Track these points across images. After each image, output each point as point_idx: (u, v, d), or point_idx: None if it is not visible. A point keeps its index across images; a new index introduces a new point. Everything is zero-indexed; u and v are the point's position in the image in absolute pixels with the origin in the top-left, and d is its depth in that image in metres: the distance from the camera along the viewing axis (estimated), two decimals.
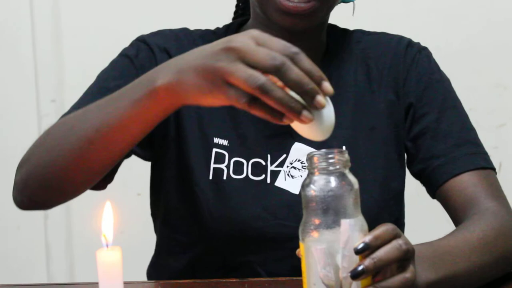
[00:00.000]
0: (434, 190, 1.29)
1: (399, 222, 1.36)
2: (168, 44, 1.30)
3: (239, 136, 1.28)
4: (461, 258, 1.06)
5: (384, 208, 1.29)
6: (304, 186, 0.86)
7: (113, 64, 1.30)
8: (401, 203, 1.36)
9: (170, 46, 1.30)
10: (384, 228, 0.88)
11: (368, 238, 0.85)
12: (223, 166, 1.27)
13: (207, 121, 1.29)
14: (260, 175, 1.27)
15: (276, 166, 1.28)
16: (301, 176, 1.27)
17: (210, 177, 1.27)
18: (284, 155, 1.28)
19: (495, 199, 1.23)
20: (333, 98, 1.24)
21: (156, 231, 1.39)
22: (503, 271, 1.15)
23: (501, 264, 1.14)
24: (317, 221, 0.85)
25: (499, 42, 2.38)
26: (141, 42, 1.31)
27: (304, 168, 1.26)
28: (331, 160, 0.83)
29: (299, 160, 1.27)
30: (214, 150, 1.28)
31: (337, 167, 0.85)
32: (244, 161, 1.27)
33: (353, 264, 0.84)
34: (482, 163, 1.28)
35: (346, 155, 0.84)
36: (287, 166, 1.27)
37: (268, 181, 1.27)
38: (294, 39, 1.24)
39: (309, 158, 0.85)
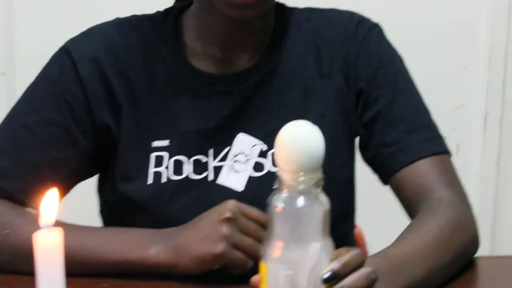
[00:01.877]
0: (386, 180, 1.23)
1: (349, 209, 1.30)
2: (96, 51, 1.21)
3: (180, 133, 1.20)
4: (418, 266, 1.01)
5: (333, 199, 1.23)
6: (270, 202, 0.78)
7: (36, 88, 1.22)
8: (350, 191, 1.30)
9: (99, 54, 1.20)
10: (351, 255, 0.81)
11: (336, 265, 0.78)
12: (162, 168, 1.19)
13: (146, 124, 1.20)
14: (202, 173, 1.19)
15: (219, 161, 1.20)
16: (245, 170, 1.19)
17: (149, 182, 1.18)
18: (228, 148, 1.20)
19: (449, 187, 1.18)
20: (282, 86, 1.21)
21: None
22: (461, 267, 1.10)
23: (459, 261, 1.10)
24: (282, 242, 0.77)
25: (459, 21, 2.33)
26: (65, 55, 1.21)
27: (248, 161, 1.19)
28: (302, 178, 0.75)
29: (243, 153, 1.20)
30: (154, 154, 1.19)
31: (309, 186, 0.76)
32: (185, 159, 1.19)
33: None
34: (436, 148, 1.22)
35: (320, 173, 0.76)
36: (231, 160, 1.19)
37: (210, 178, 1.19)
38: (241, 26, 1.18)
39: (279, 174, 0.77)
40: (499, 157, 2.34)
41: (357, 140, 1.29)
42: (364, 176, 1.32)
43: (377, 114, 1.23)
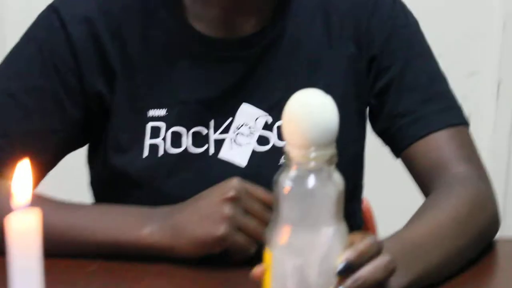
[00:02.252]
0: (398, 153, 1.15)
1: (358, 186, 1.22)
2: (89, 10, 1.11)
3: (178, 102, 1.11)
4: (434, 249, 0.94)
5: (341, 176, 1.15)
6: (277, 180, 0.68)
7: (20, 50, 1.13)
8: (359, 167, 1.22)
9: (92, 13, 1.11)
10: (367, 243, 0.73)
11: (351, 255, 0.69)
12: (159, 140, 1.10)
13: (142, 91, 1.11)
14: (202, 146, 1.11)
15: (221, 133, 1.11)
16: (249, 143, 1.10)
17: (144, 156, 1.10)
18: (230, 119, 1.11)
19: (466, 161, 1.09)
20: (289, 54, 1.12)
21: None
22: (481, 249, 1.02)
23: (479, 243, 1.02)
24: (290, 227, 0.68)
25: None
26: (54, 14, 1.11)
27: (252, 134, 1.11)
28: (313, 154, 0.65)
29: (246, 125, 1.11)
30: (150, 124, 1.10)
31: (321, 163, 0.67)
32: (184, 131, 1.10)
33: (330, 282, 0.68)
34: (452, 119, 1.13)
35: (333, 149, 0.66)
36: (233, 132, 1.11)
37: (211, 152, 1.11)
38: None
39: (287, 150, 0.68)
40: None
41: (367, 112, 1.20)
42: (370, 146, 1.24)
43: (389, 82, 1.14)
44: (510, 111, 2.26)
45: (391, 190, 1.93)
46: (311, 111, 0.65)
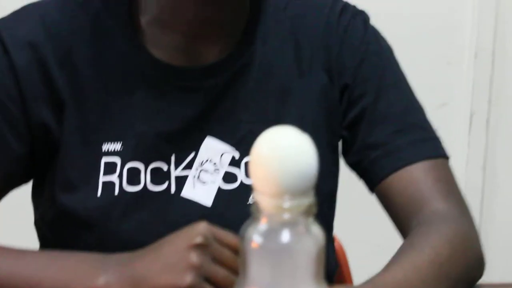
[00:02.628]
0: (372, 188, 1.05)
1: (329, 226, 1.12)
2: (34, 34, 1.00)
3: (135, 135, 1.00)
4: None
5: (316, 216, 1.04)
6: (244, 235, 0.56)
7: None
8: (332, 205, 1.11)
9: (37, 38, 0.99)
10: None
11: None
12: (114, 177, 0.99)
13: (94, 121, 1.00)
14: (162, 183, 1.00)
15: (183, 169, 1.00)
16: (214, 181, 1.00)
17: (99, 194, 0.98)
18: (192, 154, 1.01)
19: (445, 197, 0.99)
20: (257, 84, 1.01)
21: None
22: None
23: (462, 285, 0.91)
24: None
25: (444, 14, 2.16)
26: None
27: (217, 170, 1.00)
28: (288, 205, 0.54)
29: (211, 161, 1.01)
30: (103, 159, 0.99)
31: (297, 215, 0.55)
32: (142, 167, 0.99)
33: None
34: (429, 151, 1.03)
35: (311, 198, 0.55)
36: (196, 169, 1.00)
37: (173, 190, 1.00)
38: (210, 11, 0.99)
39: (257, 198, 0.56)
40: (485, 160, 2.18)
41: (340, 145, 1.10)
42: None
43: (362, 112, 1.05)
44: (483, 142, 2.19)
45: (360, 224, 1.83)
46: (285, 153, 0.53)
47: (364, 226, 1.83)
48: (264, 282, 0.55)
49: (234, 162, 1.01)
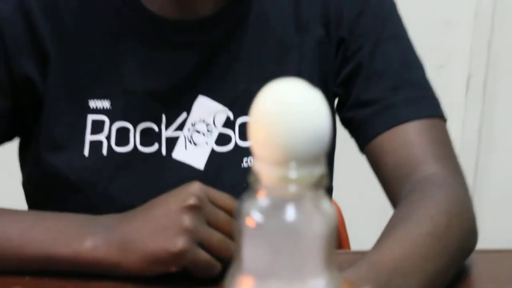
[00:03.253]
0: (362, 147, 0.97)
1: (329, 189, 1.04)
2: None
3: (124, 93, 0.92)
4: (412, 274, 0.75)
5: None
6: (240, 210, 0.45)
7: None
8: (331, 168, 1.04)
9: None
10: None
11: None
12: (102, 136, 0.91)
13: (81, 76, 0.92)
14: (152, 145, 0.92)
15: (174, 131, 0.93)
16: (207, 143, 0.93)
17: (86, 154, 0.91)
18: (184, 114, 0.93)
19: (440, 160, 0.90)
20: (253, 39, 0.97)
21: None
22: (460, 266, 0.84)
23: (460, 259, 0.83)
24: (256, 277, 0.44)
25: None
26: None
27: (210, 132, 0.93)
28: (294, 175, 0.42)
29: (203, 121, 0.93)
30: (90, 117, 0.91)
31: (305, 187, 0.43)
32: (131, 127, 0.92)
33: None
34: (426, 110, 0.95)
35: (322, 167, 0.44)
36: (188, 130, 0.93)
37: (164, 152, 0.93)
38: None
39: (256, 167, 0.44)
40: (481, 123, 2.10)
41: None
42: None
43: (357, 67, 0.97)
44: (480, 106, 2.11)
45: (357, 188, 1.75)
46: (292, 110, 0.42)
47: (361, 188, 1.74)
48: (263, 269, 0.44)
49: (228, 123, 0.94)
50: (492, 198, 2.16)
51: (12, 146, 1.01)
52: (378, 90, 0.95)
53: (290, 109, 0.41)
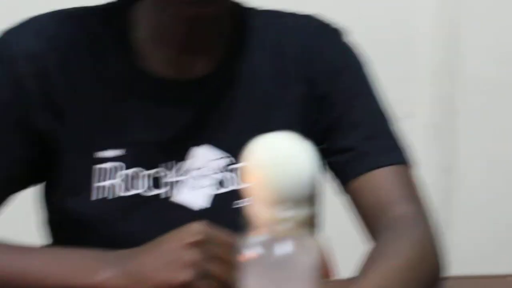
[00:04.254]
0: (342, 189, 0.99)
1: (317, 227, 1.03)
2: (37, 46, 0.94)
3: (130, 144, 0.94)
4: None
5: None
6: (239, 247, 0.48)
7: None
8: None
9: (40, 49, 0.94)
10: None
11: None
12: (107, 183, 0.93)
13: (91, 130, 0.94)
14: (156, 189, 0.94)
15: (176, 176, 0.95)
16: (207, 186, 0.95)
17: (92, 198, 0.92)
18: (185, 162, 0.95)
19: (410, 201, 0.93)
20: (243, 95, 0.98)
21: None
22: None
23: (431, 285, 0.86)
24: None
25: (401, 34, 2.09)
26: (4, 54, 0.94)
27: (210, 177, 0.95)
28: (286, 214, 0.46)
29: (203, 168, 0.95)
30: (97, 166, 0.93)
31: (296, 225, 0.47)
32: (136, 173, 0.94)
33: None
34: (396, 158, 0.97)
35: (311, 208, 0.47)
36: (190, 175, 0.95)
37: (167, 195, 0.94)
38: (199, 27, 0.94)
39: (252, 208, 0.48)
40: (450, 164, 2.13)
41: None
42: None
43: (335, 120, 1.00)
44: (445, 152, 2.14)
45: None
46: (283, 157, 0.46)
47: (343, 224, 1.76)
48: None
49: (225, 168, 0.96)
50: (460, 233, 2.17)
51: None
52: (354, 140, 0.98)
53: (280, 155, 0.45)
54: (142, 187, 0.94)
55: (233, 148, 0.94)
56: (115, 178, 0.93)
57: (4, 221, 1.04)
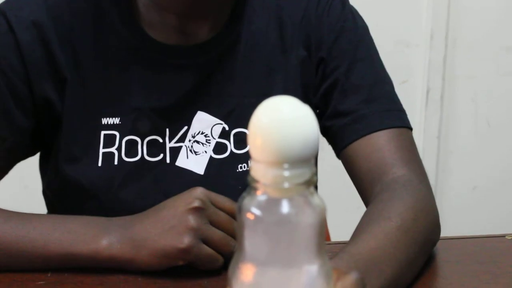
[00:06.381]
0: (338, 153, 0.95)
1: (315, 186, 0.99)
2: (38, 14, 0.90)
3: (132, 110, 0.91)
4: (386, 263, 0.73)
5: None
6: (241, 207, 0.45)
7: None
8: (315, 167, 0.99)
9: (41, 18, 0.90)
10: (353, 280, 0.53)
11: None
12: (113, 149, 0.90)
13: (94, 99, 0.91)
14: (158, 155, 0.91)
15: (176, 142, 0.92)
16: (205, 152, 0.92)
17: (99, 164, 0.89)
18: (185, 128, 0.92)
19: (406, 165, 0.89)
20: (244, 61, 0.96)
21: None
22: (428, 255, 0.83)
23: (427, 249, 0.82)
24: (256, 265, 0.44)
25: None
26: (1, 18, 0.90)
27: (209, 143, 0.91)
28: (287, 174, 0.43)
29: (202, 133, 0.92)
30: (103, 132, 0.90)
31: (297, 185, 0.43)
32: (138, 140, 0.91)
33: None
34: (394, 121, 0.93)
35: (312, 167, 0.44)
36: (189, 141, 0.91)
37: (168, 160, 0.91)
38: None
39: (254, 168, 0.44)
40: (439, 131, 2.09)
41: None
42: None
43: (334, 83, 0.96)
44: (438, 116, 2.10)
45: (334, 188, 1.74)
46: (285, 120, 0.42)
47: (337, 188, 1.73)
48: (262, 257, 0.44)
49: (224, 134, 0.93)
50: (451, 195, 2.16)
51: (27, 162, 0.99)
52: (353, 102, 0.94)
53: (283, 119, 0.42)
54: (143, 153, 0.90)
55: (232, 113, 0.92)
56: (121, 144, 0.89)
57: (4, 189, 1.01)
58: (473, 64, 2.08)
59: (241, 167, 0.93)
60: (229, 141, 0.93)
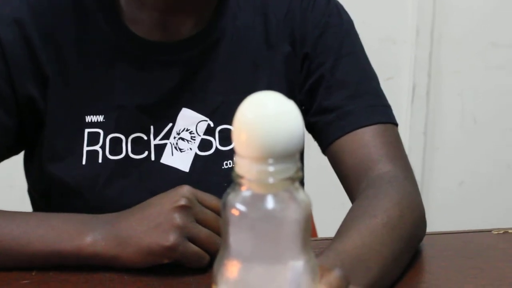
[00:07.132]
0: (324, 149, 0.94)
1: (301, 182, 0.98)
2: (19, 12, 0.89)
3: (116, 108, 0.90)
4: (372, 260, 0.72)
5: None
6: (225, 203, 0.44)
7: None
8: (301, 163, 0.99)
9: (22, 15, 0.89)
10: (337, 276, 0.53)
11: None
12: (97, 147, 0.89)
13: (77, 97, 0.90)
14: (142, 152, 0.90)
15: (161, 139, 0.91)
16: (190, 149, 0.90)
17: (84, 162, 0.88)
18: (170, 125, 0.91)
19: (392, 161, 0.88)
20: (229, 57, 0.94)
21: None
22: (414, 251, 0.82)
23: (412, 245, 0.81)
24: (241, 261, 0.44)
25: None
26: None
27: (194, 139, 0.90)
28: (272, 169, 0.42)
29: (187, 130, 0.91)
30: (86, 130, 0.89)
31: (282, 180, 0.43)
32: (123, 138, 0.89)
33: None
34: (380, 117, 0.92)
35: (297, 162, 0.43)
36: (174, 138, 0.90)
37: (153, 158, 0.90)
38: None
39: (238, 164, 0.44)
40: (425, 126, 2.09)
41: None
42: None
43: (319, 79, 0.95)
44: (424, 113, 2.11)
45: (320, 184, 1.73)
46: (270, 114, 0.42)
47: (323, 184, 1.73)
48: (247, 253, 0.43)
49: (209, 131, 0.92)
50: (437, 191, 2.16)
51: (11, 161, 0.98)
52: (338, 98, 0.94)
53: (268, 114, 0.41)
54: (130, 150, 0.89)
55: (217, 110, 0.91)
56: (105, 142, 0.88)
57: None
58: (459, 60, 2.08)
59: (226, 164, 0.92)
60: (214, 138, 0.92)
